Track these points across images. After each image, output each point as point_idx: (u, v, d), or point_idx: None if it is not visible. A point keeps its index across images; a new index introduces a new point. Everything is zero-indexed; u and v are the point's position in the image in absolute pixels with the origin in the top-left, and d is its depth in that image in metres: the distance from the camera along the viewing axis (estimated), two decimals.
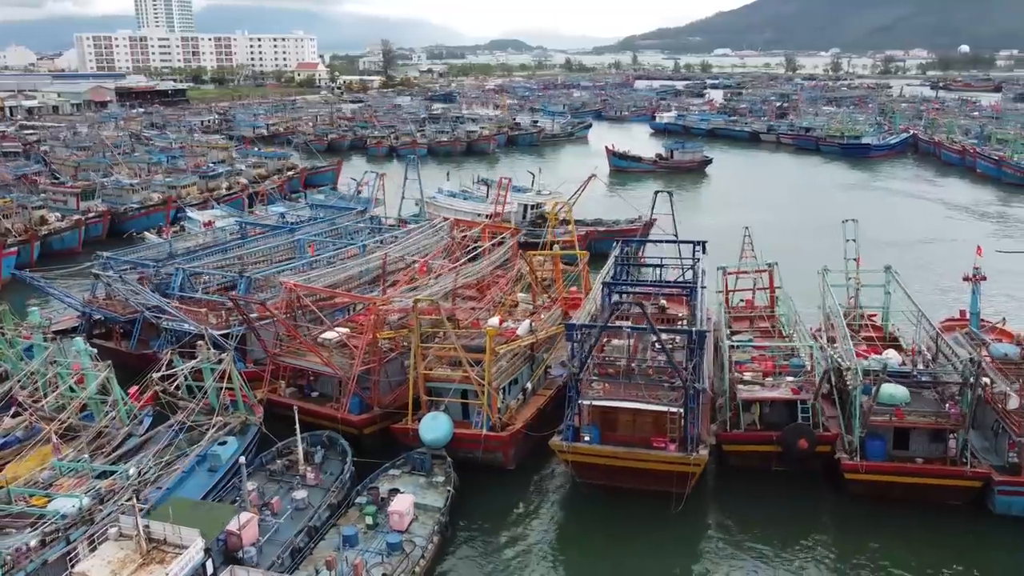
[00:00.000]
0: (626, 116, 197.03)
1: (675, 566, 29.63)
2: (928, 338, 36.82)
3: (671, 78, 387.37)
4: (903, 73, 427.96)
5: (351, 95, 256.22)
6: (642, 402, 31.75)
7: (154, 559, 24.08)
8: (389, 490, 31.12)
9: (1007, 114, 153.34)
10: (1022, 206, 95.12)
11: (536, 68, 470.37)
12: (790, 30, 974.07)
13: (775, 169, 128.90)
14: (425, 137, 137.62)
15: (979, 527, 31.22)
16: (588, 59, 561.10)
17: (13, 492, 26.88)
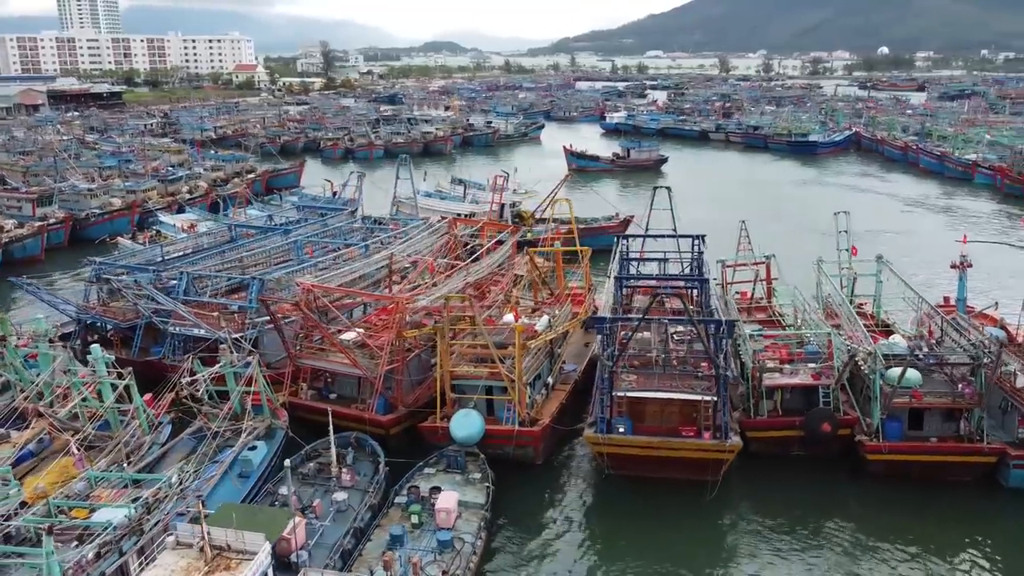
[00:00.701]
0: (575, 116, 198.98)
1: (712, 550, 30.31)
2: (931, 323, 38.47)
3: (609, 79, 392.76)
4: (830, 74, 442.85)
5: (293, 97, 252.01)
6: (677, 392, 32.38)
7: (219, 566, 23.51)
8: (430, 488, 30.97)
9: (940, 112, 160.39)
10: (967, 198, 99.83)
11: (475, 70, 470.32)
12: (719, 32, 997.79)
13: (728, 166, 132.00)
14: (380, 139, 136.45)
15: (992, 502, 32.73)
16: (526, 61, 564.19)
17: (53, 504, 25.86)
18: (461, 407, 34.77)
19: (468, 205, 69.70)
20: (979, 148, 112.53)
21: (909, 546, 30.17)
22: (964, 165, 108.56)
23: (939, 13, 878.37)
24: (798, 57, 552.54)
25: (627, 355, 34.06)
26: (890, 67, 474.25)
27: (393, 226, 52.11)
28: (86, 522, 24.99)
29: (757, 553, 29.99)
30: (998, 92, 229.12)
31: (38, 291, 41.28)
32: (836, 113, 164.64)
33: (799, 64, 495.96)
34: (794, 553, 29.97)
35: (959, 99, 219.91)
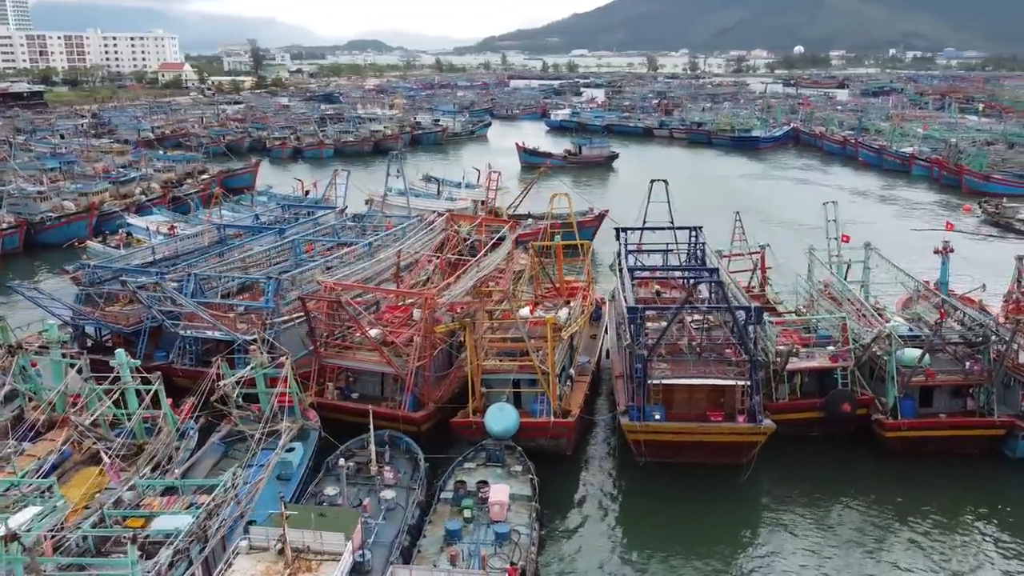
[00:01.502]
0: (517, 115, 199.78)
1: (745, 528, 31.43)
2: (924, 305, 40.44)
3: (541, 77, 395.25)
4: (753, 72, 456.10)
5: (224, 96, 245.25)
6: (712, 378, 33.18)
7: (300, 568, 23.10)
8: (477, 483, 30.95)
9: (869, 108, 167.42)
10: (907, 189, 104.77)
11: (406, 68, 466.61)
12: (642, 31, 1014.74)
13: (677, 162, 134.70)
14: (329, 138, 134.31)
15: (999, 473, 34.72)
16: (454, 59, 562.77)
17: (108, 514, 24.88)
18: (489, 401, 34.88)
19: (444, 202, 69.43)
20: (914, 142, 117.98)
21: (927, 518, 31.68)
22: (902, 158, 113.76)
23: (849, 14, 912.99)
24: (719, 56, 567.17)
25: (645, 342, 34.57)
26: (808, 65, 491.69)
27: (388, 225, 51.57)
28: (141, 531, 24.11)
29: (787, 529, 31.11)
30: (916, 89, 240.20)
31: (40, 296, 39.39)
32: (774, 110, 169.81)
33: (723, 63, 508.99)
34: (820, 528, 31.18)
35: (880, 95, 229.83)
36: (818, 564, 29.03)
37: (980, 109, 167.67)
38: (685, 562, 29.28)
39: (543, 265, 46.16)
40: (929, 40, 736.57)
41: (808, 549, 29.87)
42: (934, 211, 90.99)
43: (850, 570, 28.66)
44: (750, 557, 29.67)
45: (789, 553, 29.70)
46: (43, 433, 33.04)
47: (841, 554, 29.56)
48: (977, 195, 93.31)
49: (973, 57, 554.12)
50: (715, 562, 29.24)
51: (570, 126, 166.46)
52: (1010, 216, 79.92)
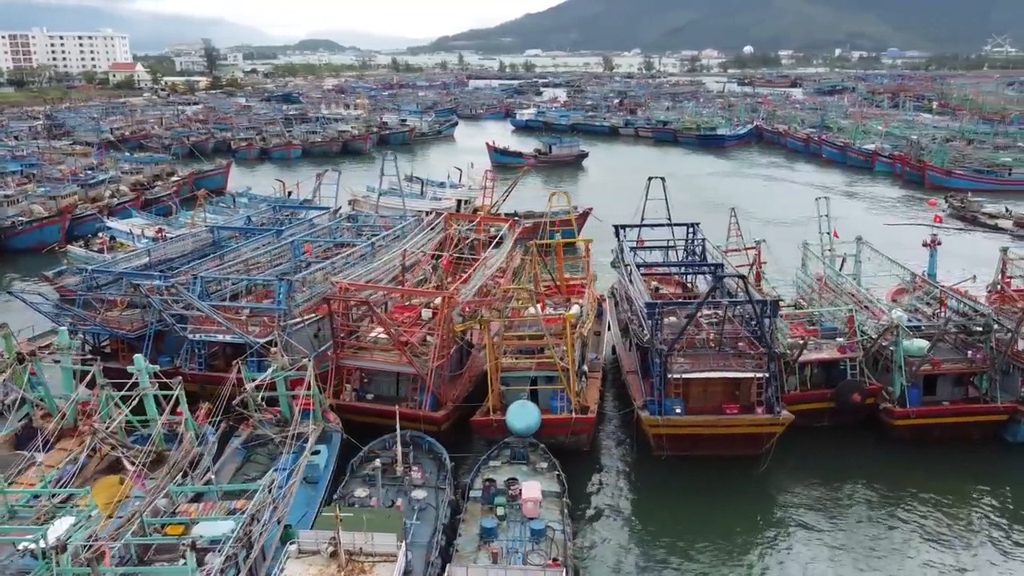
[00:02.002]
0: (481, 114, 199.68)
1: (766, 516, 32.10)
2: (921, 296, 41.67)
3: (499, 77, 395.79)
4: (707, 71, 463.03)
5: (179, 96, 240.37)
6: (731, 371, 33.73)
7: (354, 571, 22.91)
8: (506, 481, 30.97)
9: (828, 106, 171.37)
10: (872, 185, 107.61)
11: (362, 68, 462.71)
12: (595, 31, 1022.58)
13: (645, 160, 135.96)
14: (295, 138, 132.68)
15: (1001, 457, 35.96)
16: (412, 59, 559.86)
17: (148, 522, 24.31)
18: (506, 400, 34.93)
19: (429, 202, 69.18)
20: (875, 139, 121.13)
21: (937, 503, 32.63)
22: (865, 154, 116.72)
23: (796, 15, 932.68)
24: (671, 56, 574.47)
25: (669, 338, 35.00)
26: (759, 64, 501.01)
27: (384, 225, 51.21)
28: (207, 536, 23.63)
29: (803, 517, 31.77)
30: (868, 88, 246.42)
31: (43, 303, 38.27)
32: (735, 108, 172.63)
33: (677, 62, 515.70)
34: (835, 515, 31.84)
35: (833, 94, 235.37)
36: (835, 550, 29.69)
37: (934, 107, 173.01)
38: (708, 551, 29.77)
39: (545, 263, 46.48)
40: (873, 40, 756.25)
41: (824, 535, 30.58)
42: (901, 206, 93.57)
43: (868, 555, 29.41)
44: (770, 544, 30.29)
45: (806, 540, 30.37)
46: (52, 442, 32.32)
47: (857, 538, 30.33)
48: (939, 190, 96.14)
49: (915, 57, 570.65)
50: (736, 550, 29.83)
51: (536, 126, 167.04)
52: (975, 210, 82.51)
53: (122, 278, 40.37)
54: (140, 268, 43.38)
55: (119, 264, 43.17)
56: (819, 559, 29.29)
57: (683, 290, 46.48)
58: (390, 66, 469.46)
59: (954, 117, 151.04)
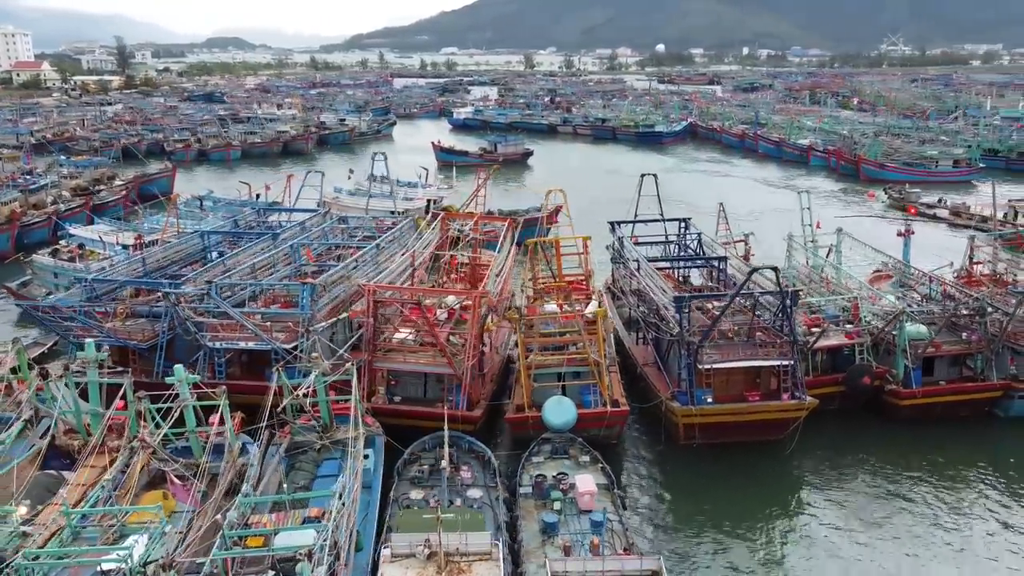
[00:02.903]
0: (415, 113, 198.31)
1: (789, 495, 33.83)
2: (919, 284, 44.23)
3: (422, 75, 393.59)
4: (625, 70, 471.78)
5: (92, 97, 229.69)
6: (758, 359, 35.06)
7: (452, 571, 22.99)
8: (555, 476, 31.39)
9: (757, 103, 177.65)
10: (808, 178, 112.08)
11: (279, 67, 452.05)
12: (510, 29, 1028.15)
13: (589, 157, 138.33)
14: (234, 139, 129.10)
15: (995, 431, 38.64)
16: (330, 57, 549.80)
17: (228, 536, 23.73)
18: (537, 396, 35.39)
19: (401, 202, 68.69)
20: (808, 134, 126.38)
21: (943, 476, 34.95)
22: (800, 149, 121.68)
23: (706, 14, 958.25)
24: (587, 54, 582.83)
25: (694, 329, 36.08)
26: (674, 63, 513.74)
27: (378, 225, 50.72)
28: (293, 546, 23.20)
29: (823, 496, 33.59)
30: (785, 85, 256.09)
31: (51, 318, 36.43)
32: (667, 106, 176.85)
33: (596, 61, 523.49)
34: (851, 492, 33.73)
35: (752, 91, 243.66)
36: (854, 526, 31.45)
37: (854, 104, 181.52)
38: (745, 530, 31.20)
39: (547, 259, 47.11)
40: (778, 39, 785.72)
41: (846, 509, 32.48)
42: (842, 198, 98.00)
43: (887, 524, 31.45)
44: (798, 517, 32.11)
45: (832, 513, 32.21)
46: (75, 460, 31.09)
47: (875, 509, 32.35)
48: (874, 182, 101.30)
49: (817, 55, 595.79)
50: (769, 527, 31.49)
51: (474, 124, 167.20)
52: (913, 201, 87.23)
53: (121, 286, 38.83)
54: (137, 275, 41.87)
55: (115, 272, 41.47)
56: (844, 529, 31.17)
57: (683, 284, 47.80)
58: (308, 64, 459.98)
59: (875, 113, 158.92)
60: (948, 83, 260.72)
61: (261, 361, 37.16)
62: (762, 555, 29.94)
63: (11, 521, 24.21)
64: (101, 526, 24.96)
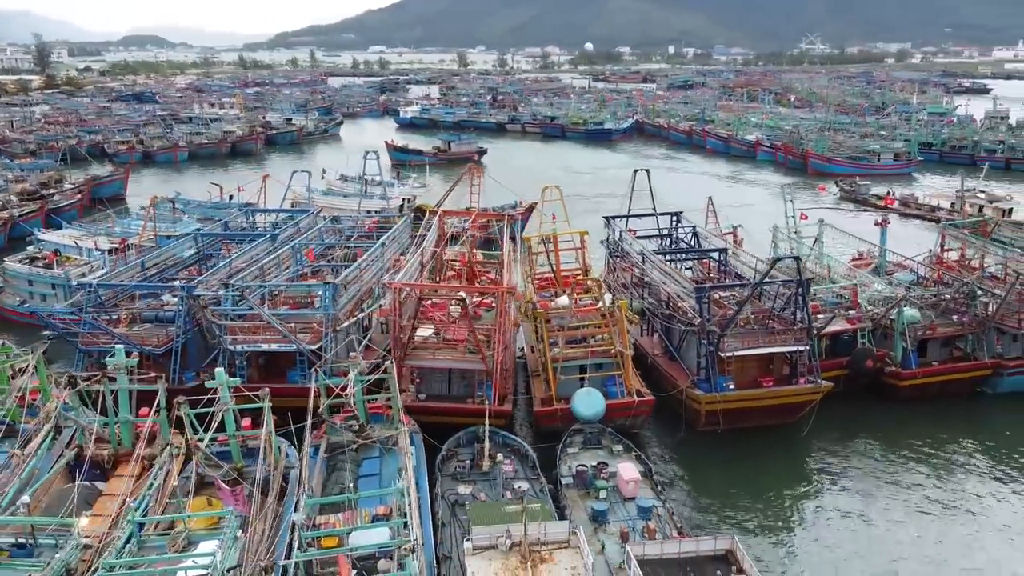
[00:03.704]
0: (358, 112, 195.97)
1: (804, 473, 35.42)
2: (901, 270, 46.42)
3: (356, 74, 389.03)
4: (558, 68, 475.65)
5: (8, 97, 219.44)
6: (777, 346, 36.35)
7: (535, 561, 23.29)
8: (595, 465, 31.92)
9: (696, 100, 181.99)
10: (758, 172, 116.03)
11: (206, 65, 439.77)
12: (437, 28, 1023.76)
13: (542, 154, 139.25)
14: (181, 140, 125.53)
15: (984, 407, 41.01)
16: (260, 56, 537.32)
17: (304, 537, 23.51)
18: (562, 389, 35.95)
19: (378, 202, 68.23)
20: (754, 130, 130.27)
21: (940, 446, 37.22)
22: (747, 145, 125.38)
23: (631, 13, 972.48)
24: (515, 53, 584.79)
25: (715, 319, 37.20)
26: (604, 61, 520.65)
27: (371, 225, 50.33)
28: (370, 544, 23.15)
29: (839, 470, 35.40)
30: (720, 83, 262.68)
31: (63, 329, 35.04)
32: (611, 103, 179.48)
33: (529, 60, 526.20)
34: (860, 470, 35.50)
35: (686, 89, 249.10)
36: (872, 499, 33.23)
37: (792, 101, 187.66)
38: (770, 507, 32.74)
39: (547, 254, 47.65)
40: (701, 38, 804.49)
41: (860, 481, 34.41)
42: (796, 192, 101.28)
43: (897, 495, 33.39)
44: (820, 498, 33.61)
45: (846, 487, 34.12)
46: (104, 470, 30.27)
47: (886, 481, 34.32)
48: (822, 176, 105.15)
49: (740, 54, 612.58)
50: (795, 507, 33.04)
51: (421, 123, 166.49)
52: (864, 193, 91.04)
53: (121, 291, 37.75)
54: (139, 279, 40.73)
55: (116, 276, 40.20)
56: (858, 498, 33.22)
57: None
58: (237, 64, 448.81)
59: (812, 109, 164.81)
60: (870, 80, 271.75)
61: (280, 363, 36.71)
62: (799, 530, 31.30)
63: (74, 534, 23.39)
64: (167, 534, 24.36)
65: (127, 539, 23.18)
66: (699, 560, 23.83)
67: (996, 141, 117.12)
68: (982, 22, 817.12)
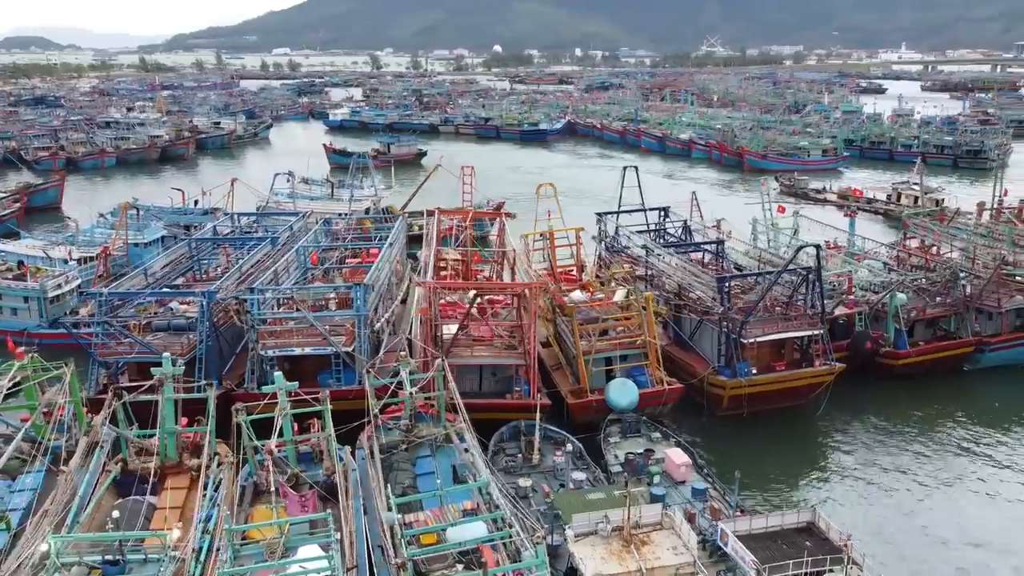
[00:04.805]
0: (283, 115, 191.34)
1: (818, 448, 37.72)
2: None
3: (267, 76, 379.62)
4: (472, 70, 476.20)
5: None
6: (795, 330, 38.11)
7: (640, 543, 23.97)
8: (640, 453, 32.77)
9: (628, 101, 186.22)
10: (695, 169, 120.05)
11: (104, 68, 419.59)
12: (343, 29, 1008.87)
13: (479, 155, 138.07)
14: (107, 146, 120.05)
15: (967, 381, 44.08)
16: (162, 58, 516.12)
17: (405, 535, 23.43)
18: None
19: (346, 204, 67.36)
20: (687, 129, 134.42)
21: (933, 418, 40.14)
22: (682, 143, 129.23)
23: (536, 16, 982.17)
24: (425, 55, 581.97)
25: (736, 307, 38.71)
26: (516, 63, 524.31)
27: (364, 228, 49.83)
28: (470, 539, 23.28)
29: (855, 445, 37.88)
30: (638, 84, 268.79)
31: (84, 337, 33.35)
32: (540, 104, 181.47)
33: (443, 62, 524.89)
34: (866, 442, 38.10)
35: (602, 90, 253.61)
36: (884, 467, 35.79)
37: (715, 100, 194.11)
38: (799, 480, 34.91)
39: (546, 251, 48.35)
40: (606, 40, 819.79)
41: (870, 452, 37.08)
42: (735, 186, 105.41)
43: (908, 465, 35.96)
44: (835, 470, 35.97)
45: (860, 457, 36.68)
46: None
47: (896, 454, 36.89)
48: (758, 172, 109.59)
49: (644, 55, 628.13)
50: (825, 478, 35.29)
51: (351, 125, 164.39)
52: (804, 187, 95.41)
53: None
54: (141, 287, 39.27)
55: (125, 285, 38.59)
56: (879, 471, 35.67)
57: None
58: (138, 66, 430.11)
59: (736, 108, 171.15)
60: (776, 81, 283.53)
61: (306, 367, 36.08)
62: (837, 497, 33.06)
63: (167, 547, 22.63)
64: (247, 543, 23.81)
65: (229, 550, 22.59)
66: (785, 532, 24.98)
67: (911, 137, 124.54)
68: (865, 26, 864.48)
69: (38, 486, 28.41)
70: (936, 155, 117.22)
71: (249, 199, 68.84)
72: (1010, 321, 43.99)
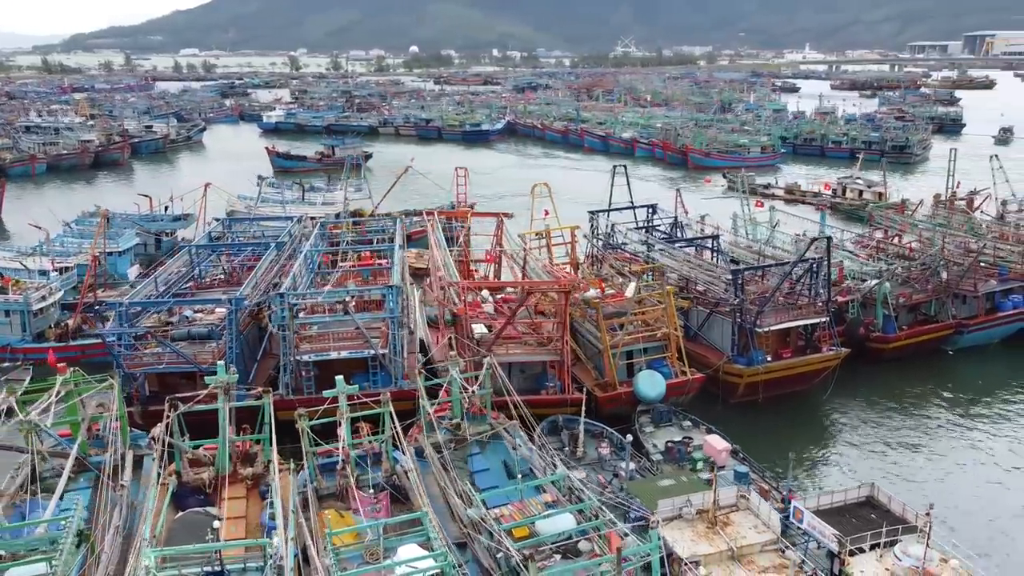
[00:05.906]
0: (211, 118, 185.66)
1: (823, 428, 39.92)
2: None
3: (182, 78, 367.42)
4: (393, 71, 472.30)
5: None
6: (804, 319, 40.04)
7: (724, 523, 25.06)
8: (680, 441, 33.94)
9: (562, 101, 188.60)
10: (640, 168, 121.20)
11: (2, 69, 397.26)
12: (253, 30, 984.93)
13: (425, 156, 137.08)
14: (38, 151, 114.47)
15: (947, 362, 47.17)
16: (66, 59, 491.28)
17: (500, 529, 23.86)
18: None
19: (320, 207, 66.60)
20: (630, 128, 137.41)
21: (920, 397, 43.17)
22: (625, 142, 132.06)
23: (452, 17, 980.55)
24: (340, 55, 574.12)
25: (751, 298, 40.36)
26: (436, 64, 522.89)
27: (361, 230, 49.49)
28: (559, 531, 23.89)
29: (848, 425, 40.16)
30: (566, 84, 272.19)
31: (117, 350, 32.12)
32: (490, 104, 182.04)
33: (364, 63, 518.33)
34: (865, 422, 40.57)
35: (530, 90, 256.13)
36: (888, 444, 38.30)
37: (649, 100, 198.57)
38: (816, 458, 37.07)
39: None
40: (522, 41, 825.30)
41: (874, 430, 39.63)
42: (680, 184, 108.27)
43: (899, 442, 38.49)
44: (853, 446, 38.25)
45: (863, 434, 39.17)
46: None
47: (898, 430, 39.49)
48: (701, 169, 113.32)
49: (560, 55, 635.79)
50: (834, 452, 37.57)
51: (287, 127, 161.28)
52: (750, 183, 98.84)
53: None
54: (153, 296, 38.24)
55: (138, 295, 37.41)
56: (877, 442, 38.31)
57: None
58: (39, 67, 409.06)
59: (671, 107, 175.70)
60: (696, 81, 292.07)
61: (333, 370, 35.80)
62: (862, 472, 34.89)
63: (273, 555, 22.35)
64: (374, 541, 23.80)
65: (331, 555, 22.53)
66: (848, 507, 26.52)
67: (840, 134, 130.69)
68: (769, 28, 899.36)
69: (89, 502, 27.57)
70: (865, 150, 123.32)
71: (218, 203, 67.28)
72: (984, 304, 47.19)
